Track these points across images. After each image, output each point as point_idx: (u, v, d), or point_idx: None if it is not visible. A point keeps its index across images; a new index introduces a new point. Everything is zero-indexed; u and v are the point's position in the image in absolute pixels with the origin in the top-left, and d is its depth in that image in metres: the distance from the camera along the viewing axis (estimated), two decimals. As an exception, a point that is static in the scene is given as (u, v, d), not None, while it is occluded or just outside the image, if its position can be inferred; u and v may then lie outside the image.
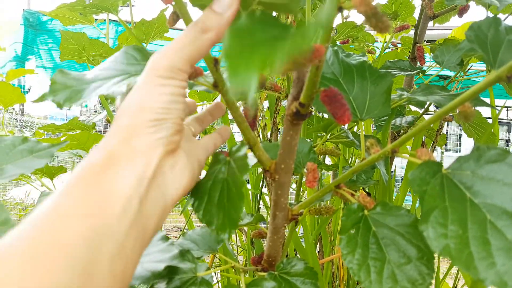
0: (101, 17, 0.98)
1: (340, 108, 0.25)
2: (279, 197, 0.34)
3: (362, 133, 0.32)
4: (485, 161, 0.25)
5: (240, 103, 0.43)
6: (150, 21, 0.81)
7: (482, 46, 0.29)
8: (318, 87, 0.28)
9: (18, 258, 0.19)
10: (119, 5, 0.75)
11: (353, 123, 0.71)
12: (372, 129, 0.72)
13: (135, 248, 0.23)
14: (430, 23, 0.76)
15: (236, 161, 0.30)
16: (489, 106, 0.44)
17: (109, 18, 0.85)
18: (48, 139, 0.82)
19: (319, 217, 0.72)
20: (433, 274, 0.27)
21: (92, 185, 0.22)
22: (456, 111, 0.28)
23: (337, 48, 0.38)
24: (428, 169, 0.25)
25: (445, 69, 0.57)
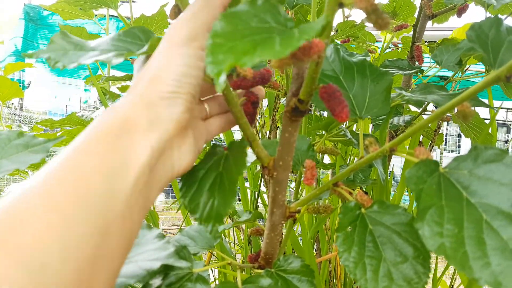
0: (101, 12, 0.98)
1: (338, 105, 0.25)
2: (277, 194, 0.34)
3: (361, 132, 0.32)
4: (483, 161, 0.25)
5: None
6: (150, 16, 0.81)
7: (483, 46, 0.29)
8: (317, 84, 0.27)
9: (39, 207, 0.19)
10: (119, 0, 0.75)
11: (351, 122, 0.71)
12: (371, 128, 0.72)
13: (139, 215, 0.24)
14: (429, 23, 0.76)
15: (235, 157, 0.30)
16: (487, 107, 0.44)
17: (111, 14, 0.85)
18: (46, 134, 0.82)
19: (317, 215, 0.72)
20: (429, 273, 0.27)
21: (112, 146, 0.23)
22: (454, 111, 0.28)
23: (339, 46, 0.38)
24: (426, 168, 0.25)
25: (444, 70, 0.57)
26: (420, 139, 0.84)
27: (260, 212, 0.43)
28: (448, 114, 0.70)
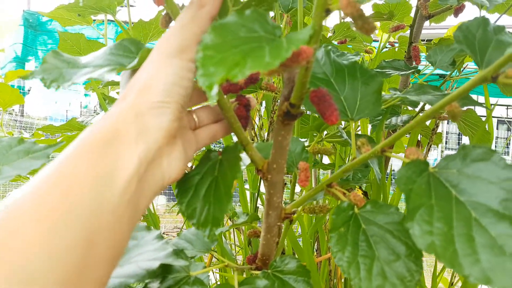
0: (99, 18, 0.99)
1: (328, 108, 0.26)
2: (272, 196, 0.34)
3: (353, 133, 0.32)
4: (471, 160, 0.25)
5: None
6: (147, 22, 0.81)
7: (470, 47, 0.30)
8: (308, 88, 0.28)
9: (27, 218, 0.20)
10: (117, 6, 0.76)
11: (348, 123, 0.71)
12: (370, 128, 0.72)
13: (129, 225, 0.24)
14: (427, 23, 0.76)
15: (229, 161, 0.31)
16: (480, 105, 0.44)
17: (109, 19, 0.85)
18: (47, 140, 0.82)
19: (316, 216, 0.73)
20: (422, 271, 0.27)
21: (101, 156, 0.23)
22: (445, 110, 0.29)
23: (329, 48, 0.39)
24: (415, 168, 0.26)
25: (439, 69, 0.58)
26: (419, 139, 0.85)
27: (257, 215, 0.43)
28: (445, 114, 0.70)
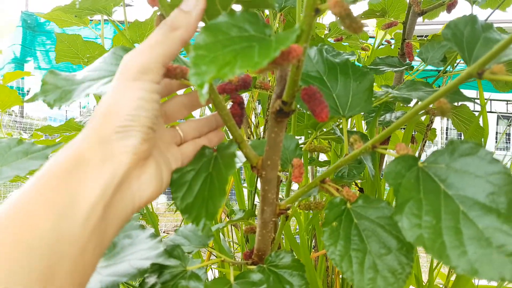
0: (96, 19, 0.99)
1: (318, 105, 0.26)
2: (266, 193, 0.35)
3: (345, 130, 0.33)
4: (459, 155, 0.26)
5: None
6: (143, 22, 0.82)
7: (458, 44, 0.30)
8: (299, 86, 0.29)
9: None
10: (113, 7, 0.76)
11: (346, 121, 0.72)
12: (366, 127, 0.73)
13: (94, 253, 0.23)
14: (420, 19, 0.77)
15: (224, 157, 0.31)
16: (470, 101, 0.45)
17: (106, 19, 0.86)
18: (45, 141, 0.83)
19: (313, 212, 0.73)
20: (412, 264, 0.28)
21: (60, 186, 0.22)
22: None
23: (325, 46, 0.39)
24: (404, 163, 0.26)
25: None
26: (413, 135, 0.85)
27: (253, 211, 0.44)
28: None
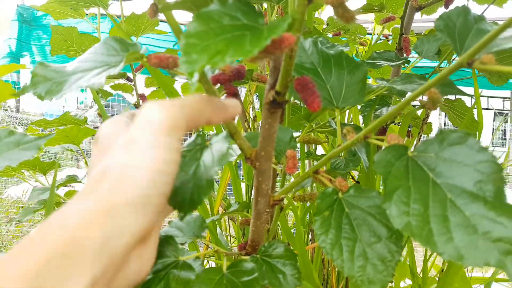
0: (92, 11, 0.99)
1: (311, 95, 0.27)
2: (260, 184, 0.35)
3: (338, 121, 0.33)
4: (448, 144, 0.26)
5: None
6: (140, 15, 0.82)
7: (450, 35, 0.31)
8: (293, 76, 0.29)
9: None
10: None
11: (343, 113, 0.72)
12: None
13: None
14: (417, 15, 0.77)
15: (216, 149, 0.32)
16: (463, 94, 0.45)
17: (102, 12, 0.85)
18: (41, 135, 0.83)
19: (310, 204, 0.74)
20: (402, 252, 0.28)
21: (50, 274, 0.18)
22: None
23: (320, 38, 0.39)
24: (394, 152, 0.27)
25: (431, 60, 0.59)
26: (409, 129, 0.86)
27: (248, 203, 0.44)
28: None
